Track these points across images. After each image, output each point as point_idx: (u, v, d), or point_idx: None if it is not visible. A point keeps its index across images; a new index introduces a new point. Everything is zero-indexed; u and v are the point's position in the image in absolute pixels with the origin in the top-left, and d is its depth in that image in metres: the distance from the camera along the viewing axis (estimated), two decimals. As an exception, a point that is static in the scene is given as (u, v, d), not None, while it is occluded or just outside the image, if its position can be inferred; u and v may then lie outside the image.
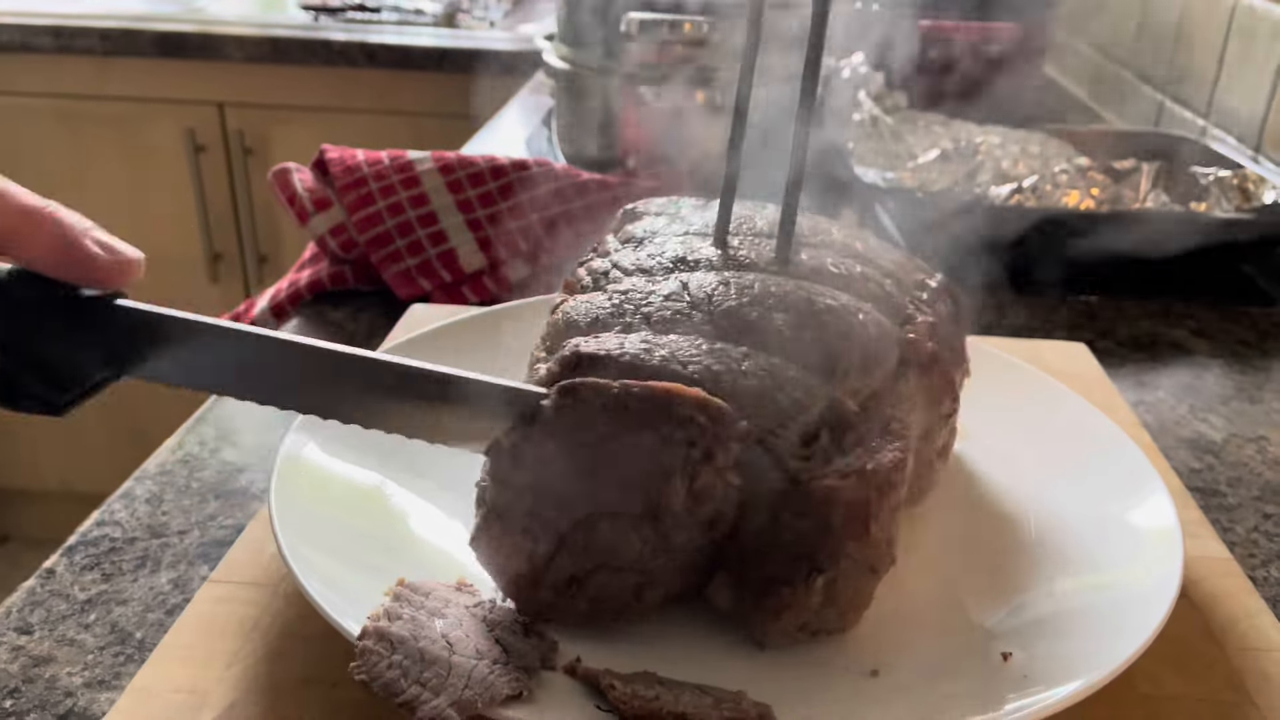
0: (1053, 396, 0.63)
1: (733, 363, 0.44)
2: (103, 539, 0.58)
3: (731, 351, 0.45)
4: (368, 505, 0.52)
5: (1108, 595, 0.47)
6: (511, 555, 0.44)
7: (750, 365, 0.44)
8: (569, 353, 0.44)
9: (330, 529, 0.48)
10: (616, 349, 0.44)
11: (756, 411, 0.43)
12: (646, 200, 0.60)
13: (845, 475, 0.43)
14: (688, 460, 0.42)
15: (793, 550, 0.43)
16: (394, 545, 0.49)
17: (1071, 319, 0.91)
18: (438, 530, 0.51)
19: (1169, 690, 0.46)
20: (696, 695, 0.39)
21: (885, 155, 1.08)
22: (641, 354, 0.44)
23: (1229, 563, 0.55)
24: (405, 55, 1.95)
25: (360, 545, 0.48)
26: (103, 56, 1.99)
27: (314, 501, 0.50)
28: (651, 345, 0.44)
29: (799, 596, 0.43)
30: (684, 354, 0.44)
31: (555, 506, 0.43)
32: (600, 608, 0.44)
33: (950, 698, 0.42)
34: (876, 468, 0.43)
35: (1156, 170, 0.99)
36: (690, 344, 0.45)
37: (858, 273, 0.52)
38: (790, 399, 0.44)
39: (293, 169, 0.92)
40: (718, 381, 0.43)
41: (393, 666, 0.37)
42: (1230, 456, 0.70)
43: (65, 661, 0.49)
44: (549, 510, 0.43)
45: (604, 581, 0.44)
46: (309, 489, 0.51)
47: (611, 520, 0.43)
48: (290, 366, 0.42)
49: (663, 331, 0.46)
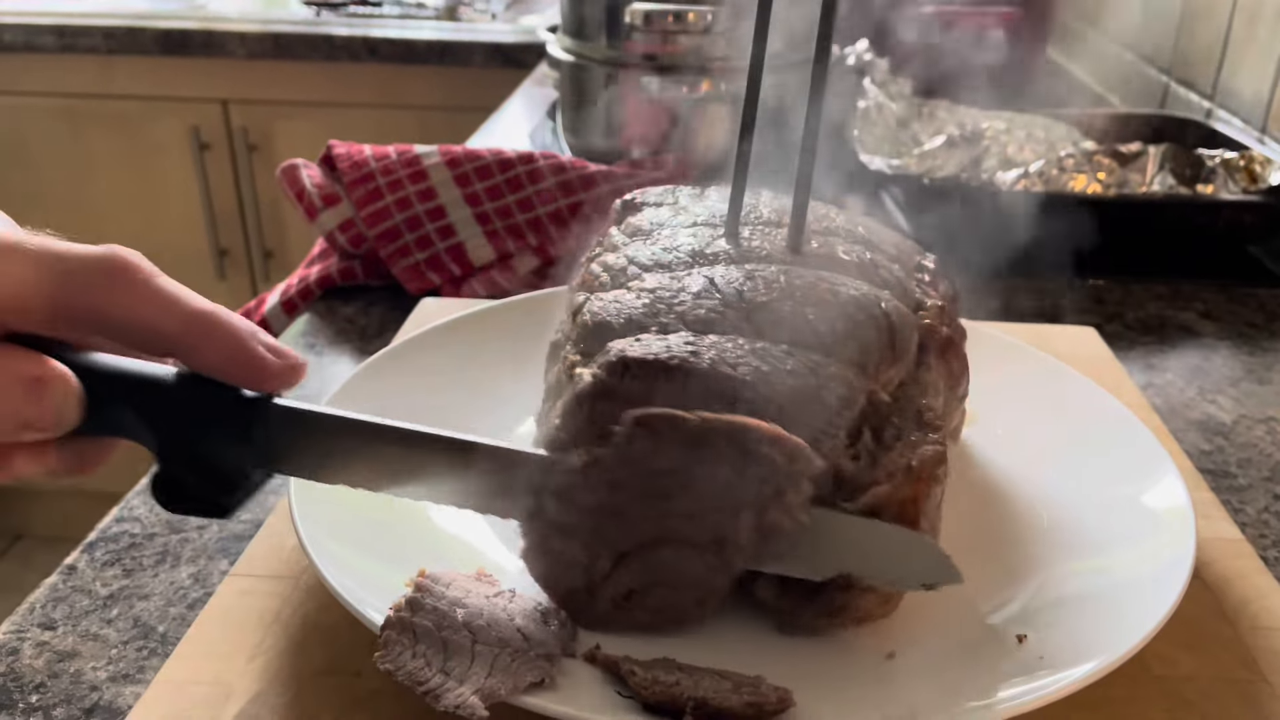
0: (1062, 380, 0.63)
1: (777, 362, 0.44)
2: (122, 535, 0.58)
3: (773, 350, 0.45)
4: (386, 497, 0.52)
5: (1121, 577, 0.47)
6: (568, 570, 0.44)
7: (794, 364, 0.44)
8: (614, 358, 0.43)
9: (349, 521, 0.49)
10: (664, 352, 0.43)
11: (806, 412, 0.43)
12: (643, 190, 0.60)
13: (891, 474, 0.43)
14: (760, 496, 0.42)
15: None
16: (413, 536, 0.49)
17: (1079, 303, 0.92)
18: (456, 522, 0.51)
19: (1183, 670, 0.47)
20: (716, 680, 0.39)
21: (890, 142, 1.08)
22: (689, 357, 0.43)
23: (1240, 544, 0.56)
24: (408, 49, 1.95)
25: (380, 537, 0.48)
26: (106, 55, 2.00)
27: (333, 494, 0.50)
28: (696, 347, 0.44)
29: (854, 597, 0.44)
30: (730, 355, 0.44)
31: (619, 530, 0.43)
32: (660, 619, 0.44)
33: (966, 680, 0.42)
34: (921, 463, 0.44)
35: (1163, 153, 0.99)
36: (733, 344, 0.45)
37: (868, 259, 0.52)
38: (835, 396, 0.44)
39: (301, 165, 0.93)
40: (768, 382, 0.43)
41: (416, 656, 0.38)
42: (1240, 438, 0.71)
43: (89, 656, 0.49)
44: (612, 532, 0.43)
45: (664, 595, 0.44)
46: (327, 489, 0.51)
47: (676, 546, 0.43)
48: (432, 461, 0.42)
49: (701, 331, 0.46)
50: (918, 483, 0.43)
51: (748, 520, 0.42)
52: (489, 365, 0.63)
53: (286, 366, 0.40)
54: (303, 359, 0.41)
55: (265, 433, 0.40)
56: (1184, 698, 0.45)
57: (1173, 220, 0.96)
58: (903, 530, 0.43)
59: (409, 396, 0.60)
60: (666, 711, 0.38)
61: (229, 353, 0.39)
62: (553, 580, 0.45)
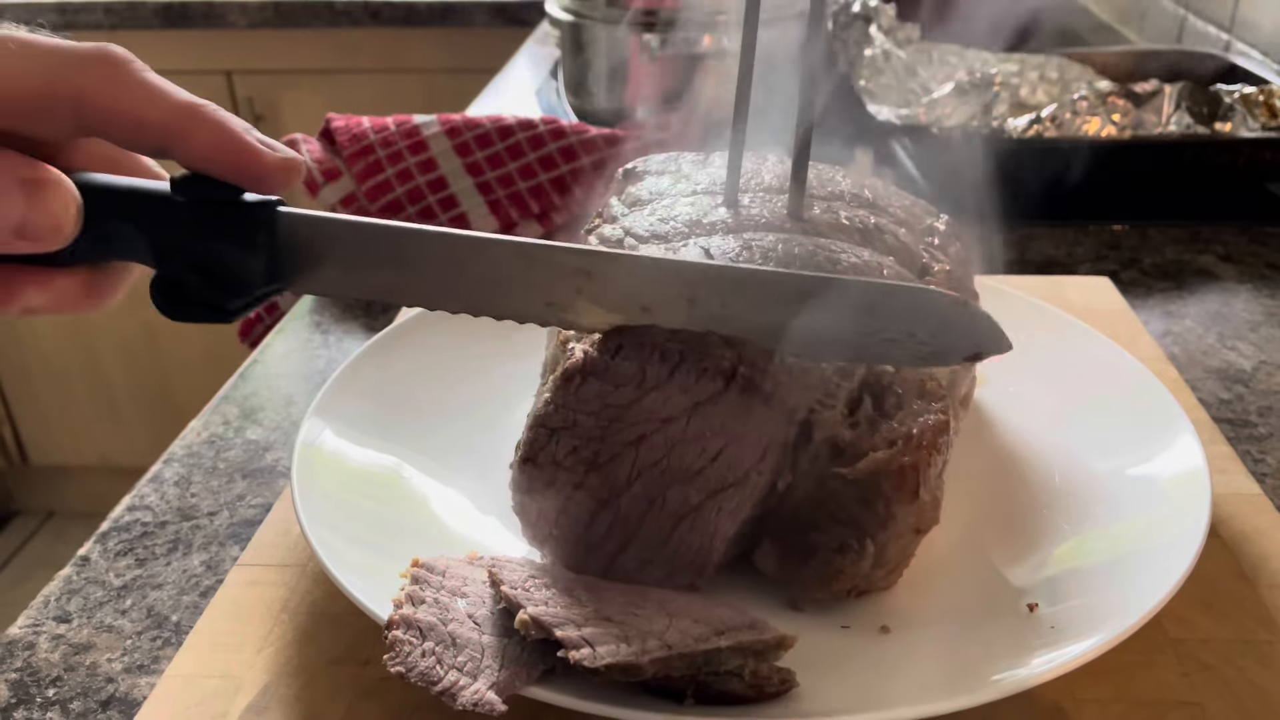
0: (1075, 336, 0.62)
1: None
2: (134, 524, 0.58)
3: None
4: (386, 486, 0.52)
5: (1134, 542, 0.46)
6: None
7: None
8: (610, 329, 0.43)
9: (353, 512, 0.48)
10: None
11: (802, 381, 0.43)
12: (645, 158, 0.59)
13: (892, 442, 0.43)
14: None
15: (842, 518, 0.44)
16: (415, 525, 0.49)
17: (1096, 249, 0.90)
18: (457, 509, 0.51)
19: (1200, 633, 0.46)
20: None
21: (899, 91, 1.05)
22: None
23: (1259, 498, 0.54)
24: (409, 11, 1.92)
25: (384, 526, 0.48)
26: (108, 30, 1.99)
27: (335, 486, 0.50)
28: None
29: (850, 562, 0.44)
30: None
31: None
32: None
33: (978, 650, 0.42)
34: (922, 431, 0.43)
35: (1179, 91, 0.96)
36: None
37: (872, 224, 0.51)
38: (832, 365, 0.44)
39: (300, 139, 0.92)
40: (766, 353, 0.43)
41: (426, 654, 0.37)
42: (1260, 385, 0.69)
43: (104, 648, 0.50)
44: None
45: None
46: (329, 474, 0.51)
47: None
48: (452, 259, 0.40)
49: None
50: (918, 450, 0.42)
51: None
52: (492, 341, 0.63)
53: (281, 160, 0.38)
54: (300, 156, 0.39)
55: (270, 239, 0.39)
56: (1201, 660, 0.44)
57: (1190, 161, 0.94)
58: (949, 296, 0.41)
59: (413, 374, 0.60)
60: (670, 694, 0.38)
61: (219, 142, 0.37)
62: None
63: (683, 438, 0.42)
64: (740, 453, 0.43)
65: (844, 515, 0.43)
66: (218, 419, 0.68)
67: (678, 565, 0.45)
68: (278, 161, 0.38)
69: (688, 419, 0.42)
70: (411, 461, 0.54)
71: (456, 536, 0.49)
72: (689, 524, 0.44)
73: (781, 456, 0.44)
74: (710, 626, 0.38)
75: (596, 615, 0.38)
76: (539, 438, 0.43)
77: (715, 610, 0.40)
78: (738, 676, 0.38)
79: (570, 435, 0.43)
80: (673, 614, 0.39)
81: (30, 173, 0.36)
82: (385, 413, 0.56)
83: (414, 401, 0.58)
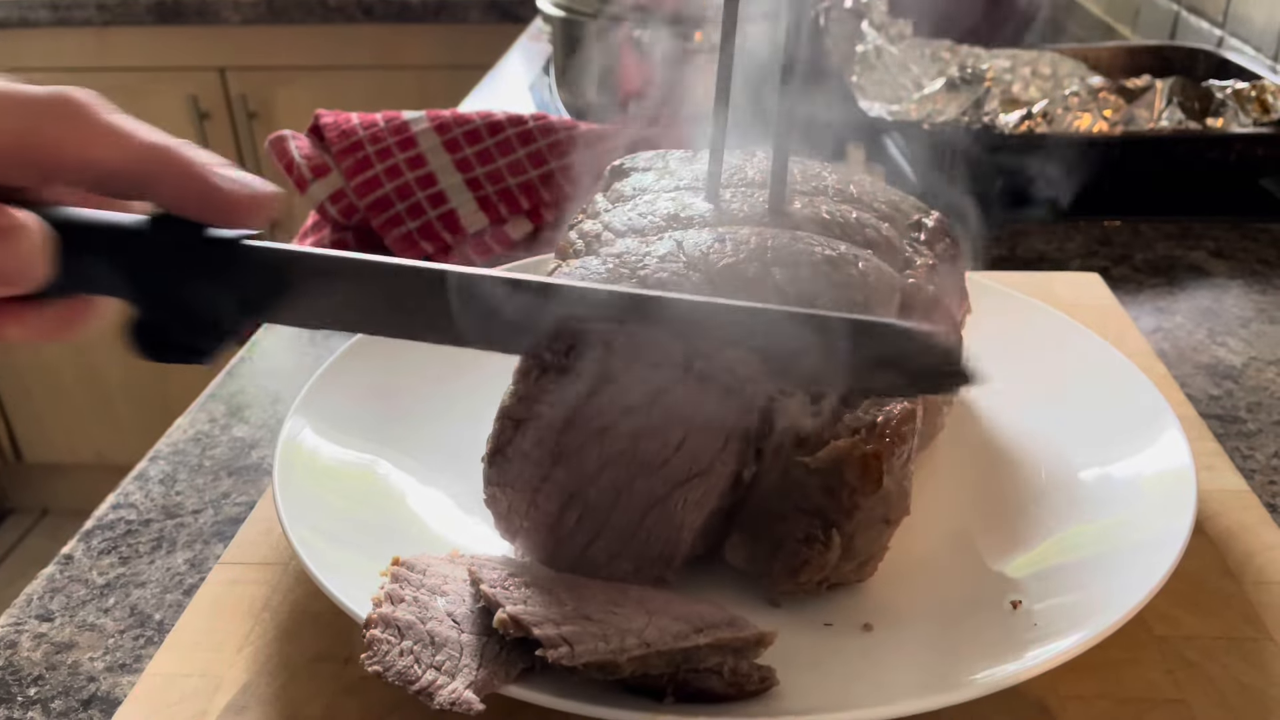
0: (1063, 333, 0.62)
1: None
2: (118, 522, 0.58)
3: None
4: (369, 484, 0.52)
5: (1119, 539, 0.46)
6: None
7: None
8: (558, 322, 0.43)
9: (334, 510, 0.48)
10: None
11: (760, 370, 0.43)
12: (633, 155, 0.59)
13: (855, 430, 0.43)
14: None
15: (807, 508, 0.43)
16: (397, 523, 0.49)
17: (1086, 245, 0.90)
18: (438, 508, 0.51)
19: (1185, 630, 0.46)
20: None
21: (890, 87, 1.05)
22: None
23: (1246, 495, 0.54)
24: (403, 7, 1.92)
25: (365, 524, 0.48)
26: (101, 27, 1.98)
27: (317, 484, 0.50)
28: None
29: (817, 553, 0.43)
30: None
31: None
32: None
33: (961, 647, 0.42)
34: (886, 419, 0.43)
35: (1170, 87, 0.96)
36: None
37: (853, 219, 0.51)
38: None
39: (289, 136, 0.91)
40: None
41: (404, 654, 0.37)
42: (1250, 381, 0.69)
43: (87, 647, 0.49)
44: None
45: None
46: (311, 472, 0.51)
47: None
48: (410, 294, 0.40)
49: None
50: (881, 438, 0.42)
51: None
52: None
53: (250, 197, 0.37)
54: (272, 188, 0.38)
55: (240, 275, 0.38)
56: (1186, 658, 0.44)
57: (1182, 156, 0.93)
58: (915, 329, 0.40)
59: (397, 373, 0.60)
60: (649, 692, 0.38)
61: (187, 186, 0.36)
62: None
63: (645, 428, 0.42)
64: (702, 442, 0.43)
65: (809, 505, 0.43)
66: (204, 416, 0.67)
67: (646, 557, 0.45)
68: (247, 199, 0.37)
69: (648, 409, 0.42)
70: (394, 460, 0.54)
71: (438, 535, 0.49)
72: (656, 515, 0.44)
73: (745, 446, 0.44)
74: (690, 624, 0.38)
75: (575, 613, 0.37)
76: (504, 430, 0.43)
77: (695, 607, 0.40)
78: (717, 674, 0.37)
79: (534, 427, 0.43)
80: (652, 612, 0.38)
81: (2, 219, 0.35)
82: (368, 411, 0.56)
83: (397, 400, 0.58)
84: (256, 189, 0.38)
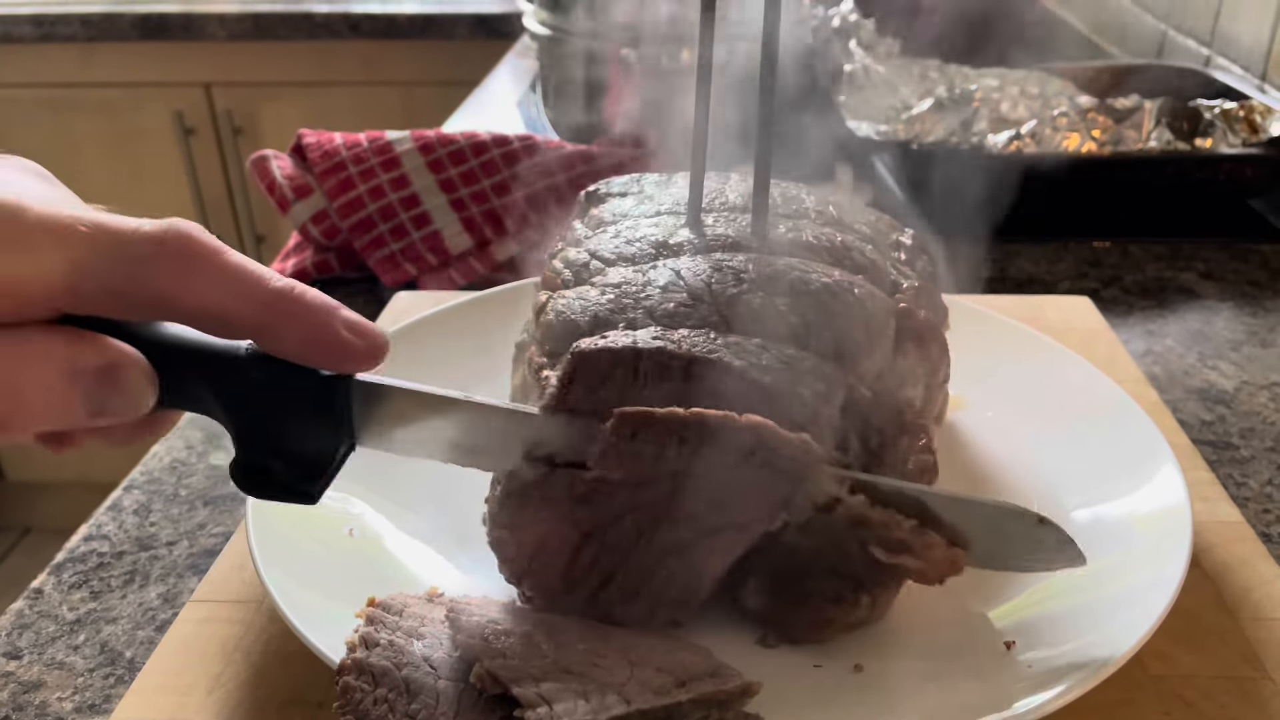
0: (1056, 361, 0.61)
1: (752, 356, 0.42)
2: (90, 555, 0.57)
3: (747, 344, 0.43)
4: (344, 521, 0.50)
5: (1114, 579, 0.45)
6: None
7: (769, 359, 0.43)
8: (572, 354, 0.42)
9: (309, 547, 0.47)
10: (629, 343, 0.42)
11: (784, 408, 0.42)
12: (607, 181, 0.58)
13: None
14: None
15: (836, 566, 0.42)
16: (373, 562, 0.48)
17: (1076, 266, 0.89)
18: (410, 545, 0.50)
19: (1182, 669, 0.45)
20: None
21: (878, 107, 1.04)
22: (666, 348, 0.42)
23: (1241, 526, 0.53)
24: (390, 24, 1.91)
25: (341, 563, 0.47)
26: (85, 43, 1.97)
27: (292, 519, 0.48)
28: (664, 340, 0.42)
29: (843, 613, 0.43)
30: (701, 350, 0.42)
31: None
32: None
33: (953, 690, 0.41)
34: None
35: (1159, 107, 0.96)
36: (704, 338, 0.43)
37: (839, 242, 0.50)
38: (813, 391, 0.42)
39: (271, 156, 0.90)
40: (743, 377, 0.41)
41: (378, 702, 0.36)
42: (1242, 406, 0.68)
43: (55, 686, 0.48)
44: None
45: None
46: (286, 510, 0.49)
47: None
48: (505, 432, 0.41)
49: (670, 326, 0.44)
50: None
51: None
52: (454, 373, 0.61)
53: (369, 348, 0.37)
54: (385, 336, 0.38)
55: (346, 412, 0.38)
56: (1183, 698, 0.43)
57: (1171, 177, 0.93)
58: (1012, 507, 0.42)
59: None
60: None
61: (310, 336, 0.36)
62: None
63: (686, 488, 0.41)
64: (745, 505, 0.41)
65: (845, 570, 0.42)
66: (180, 443, 0.66)
67: (663, 601, 0.43)
68: (365, 351, 0.37)
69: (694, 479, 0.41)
70: (368, 499, 0.52)
71: (413, 574, 0.48)
72: (677, 560, 0.42)
73: (783, 506, 0.42)
74: (673, 676, 0.36)
75: (556, 667, 0.36)
76: (522, 470, 0.42)
77: (679, 656, 0.38)
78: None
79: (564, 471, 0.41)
80: (635, 662, 0.37)
81: (103, 358, 0.34)
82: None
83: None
84: (374, 340, 0.37)
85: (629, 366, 0.41)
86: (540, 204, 0.87)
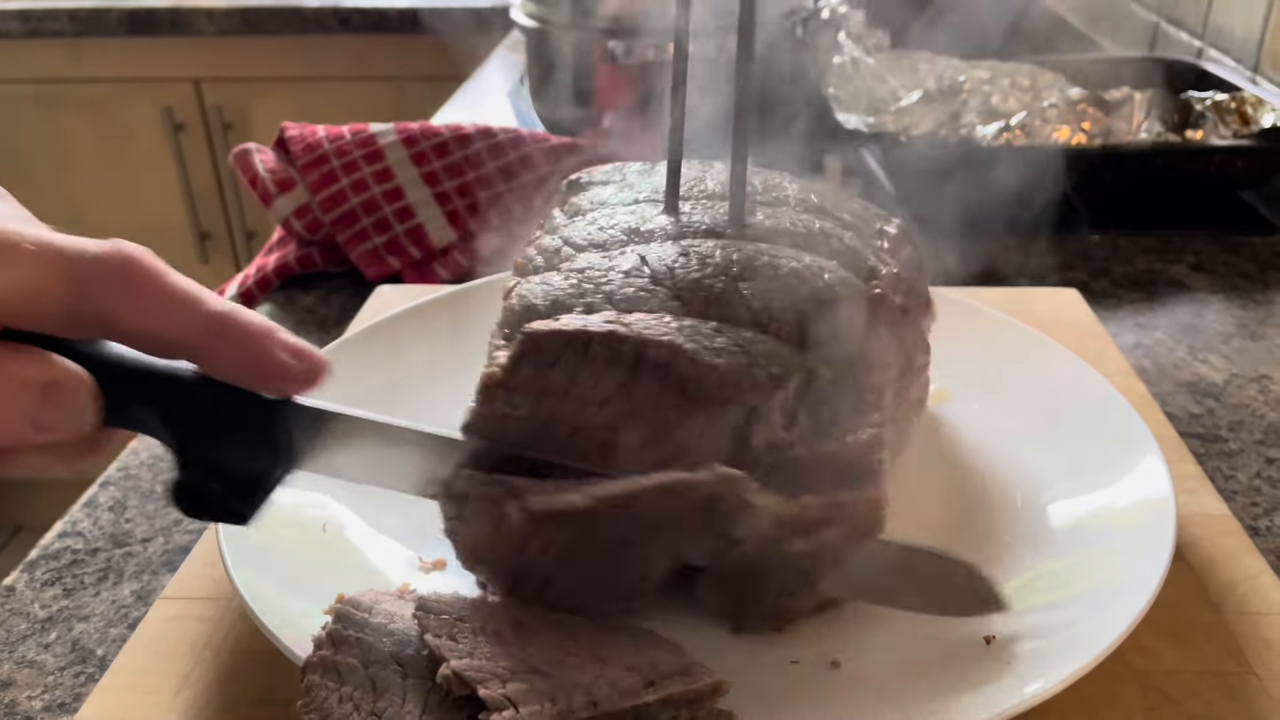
0: (1042, 353, 0.60)
1: (704, 340, 0.42)
2: (64, 551, 0.56)
3: (702, 328, 0.43)
4: (316, 518, 0.50)
5: (1096, 571, 0.44)
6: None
7: (723, 342, 0.42)
8: (522, 335, 0.42)
9: (279, 544, 0.46)
10: (580, 326, 0.41)
11: (735, 390, 0.41)
12: (589, 169, 0.57)
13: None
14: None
15: (775, 561, 0.42)
16: (342, 559, 0.47)
17: (1066, 260, 0.88)
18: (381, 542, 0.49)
19: (1165, 664, 0.44)
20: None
21: (868, 98, 1.04)
22: (606, 330, 0.41)
23: (1227, 520, 0.53)
24: (379, 18, 1.90)
25: (310, 560, 0.46)
26: (74, 38, 1.96)
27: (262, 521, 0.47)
28: (617, 324, 0.42)
29: (799, 600, 0.43)
30: (653, 334, 0.42)
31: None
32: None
33: (932, 685, 0.40)
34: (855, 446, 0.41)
35: (1149, 99, 0.95)
36: (658, 321, 0.42)
37: (816, 229, 0.50)
38: (766, 373, 0.42)
39: (253, 149, 0.89)
40: (695, 360, 0.41)
41: (344, 700, 0.35)
42: (1231, 399, 0.68)
43: (25, 685, 0.47)
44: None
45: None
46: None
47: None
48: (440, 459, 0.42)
49: (627, 310, 0.43)
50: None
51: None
52: (424, 368, 0.61)
53: (306, 370, 0.38)
54: (323, 357, 0.39)
55: (286, 435, 0.39)
56: (1166, 694, 0.42)
57: (1161, 169, 0.92)
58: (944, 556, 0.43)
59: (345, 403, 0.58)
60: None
61: (246, 357, 0.37)
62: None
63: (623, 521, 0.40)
64: (684, 529, 0.41)
65: (786, 562, 0.41)
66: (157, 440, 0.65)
67: (616, 589, 0.43)
68: (302, 373, 0.38)
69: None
70: (343, 497, 0.51)
71: (383, 571, 0.47)
72: (629, 551, 0.42)
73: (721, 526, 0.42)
74: (641, 676, 0.36)
75: (524, 665, 0.35)
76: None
77: (650, 653, 0.38)
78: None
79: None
80: (605, 659, 0.36)
81: (43, 374, 0.34)
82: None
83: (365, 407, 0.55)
84: (312, 362, 0.38)
85: (579, 349, 0.41)
86: (525, 197, 0.86)
